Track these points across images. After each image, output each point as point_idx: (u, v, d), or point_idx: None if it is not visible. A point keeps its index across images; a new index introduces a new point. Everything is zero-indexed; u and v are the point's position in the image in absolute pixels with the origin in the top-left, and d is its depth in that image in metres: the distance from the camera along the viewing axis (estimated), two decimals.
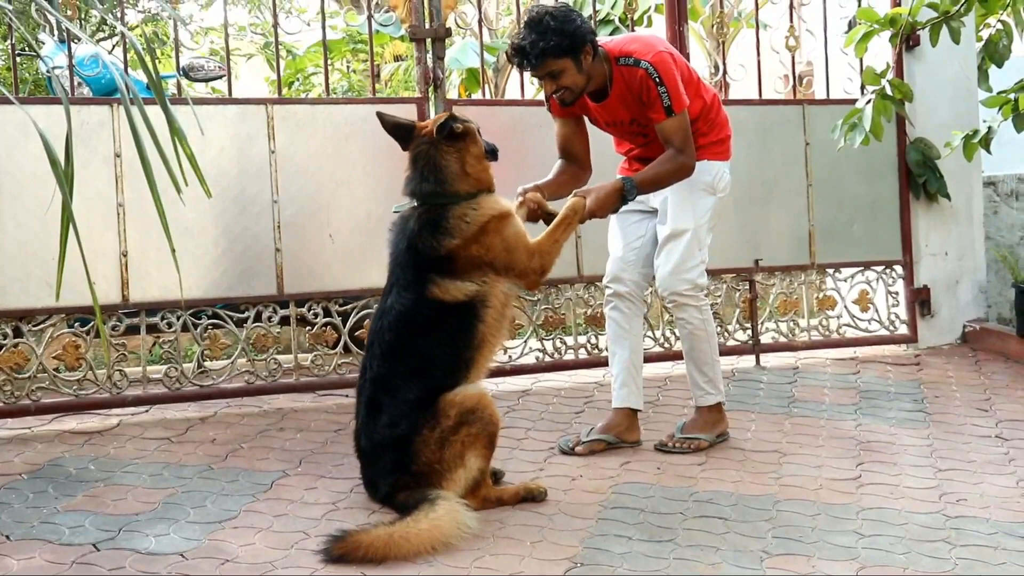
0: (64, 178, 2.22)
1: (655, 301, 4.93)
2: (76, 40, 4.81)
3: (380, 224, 4.37)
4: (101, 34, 10.94)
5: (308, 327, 4.70)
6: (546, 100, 3.96)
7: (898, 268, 5.58)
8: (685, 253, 3.95)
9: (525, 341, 5.01)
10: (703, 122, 3.97)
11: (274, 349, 4.62)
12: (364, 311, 4.65)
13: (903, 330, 5.57)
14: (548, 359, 5.01)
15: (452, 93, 10.61)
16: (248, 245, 4.54)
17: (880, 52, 5.13)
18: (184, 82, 5.35)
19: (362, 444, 3.37)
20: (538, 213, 3.71)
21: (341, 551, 2.92)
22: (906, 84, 4.25)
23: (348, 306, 4.71)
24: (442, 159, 3.38)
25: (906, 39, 5.17)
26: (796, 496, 3.59)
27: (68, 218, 2.19)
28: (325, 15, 4.98)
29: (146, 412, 4.42)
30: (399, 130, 3.49)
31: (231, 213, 4.51)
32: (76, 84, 4.88)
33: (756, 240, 5.32)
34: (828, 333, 5.46)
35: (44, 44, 5.49)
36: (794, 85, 5.54)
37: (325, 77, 5.05)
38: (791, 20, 5.48)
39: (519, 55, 3.73)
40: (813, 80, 5.81)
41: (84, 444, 4.00)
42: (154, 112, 2.39)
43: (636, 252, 4.09)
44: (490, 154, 3.50)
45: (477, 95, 10.83)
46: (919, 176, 5.50)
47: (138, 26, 10.95)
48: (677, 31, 5.23)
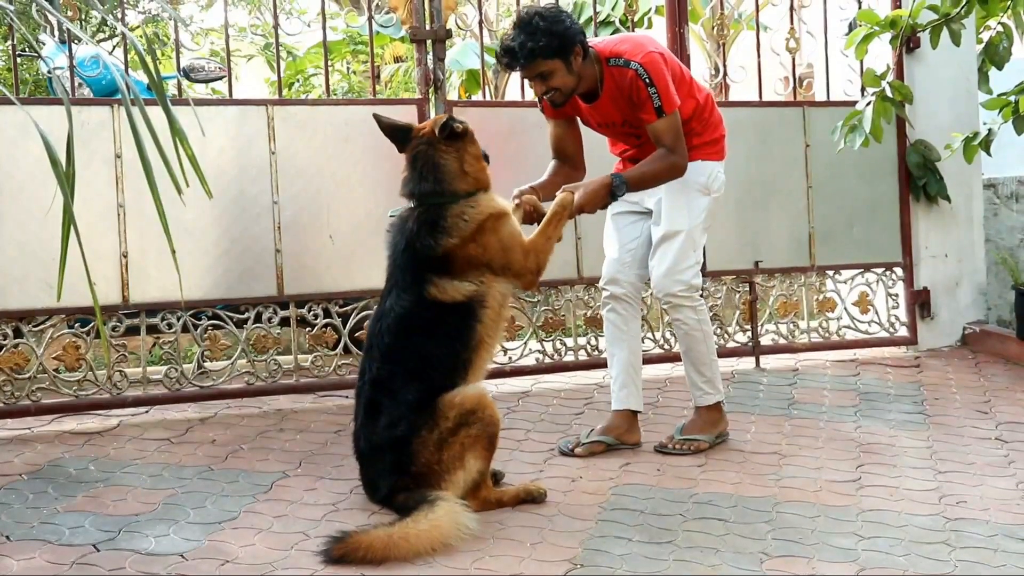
0: (65, 179, 2.22)
1: (654, 302, 4.93)
2: (77, 41, 4.81)
3: (380, 225, 4.36)
4: (101, 35, 10.93)
5: (308, 328, 4.70)
6: (538, 101, 3.96)
7: (898, 270, 5.58)
8: (679, 254, 3.95)
9: (525, 342, 5.01)
10: (696, 122, 3.95)
11: (274, 350, 4.62)
12: (364, 312, 4.65)
13: (903, 332, 5.57)
14: (548, 360, 5.01)
15: (452, 94, 10.61)
16: (248, 246, 4.54)
17: (880, 54, 5.14)
18: (184, 83, 5.35)
19: (361, 446, 3.37)
20: (533, 215, 3.70)
21: (341, 552, 2.93)
22: (906, 86, 4.26)
23: (348, 307, 4.71)
24: (441, 158, 3.38)
25: (906, 41, 5.18)
26: (796, 498, 3.59)
27: (69, 219, 2.18)
28: (326, 16, 4.98)
29: (146, 413, 4.42)
30: (396, 132, 3.49)
31: (231, 214, 4.52)
32: (76, 85, 4.88)
33: (756, 242, 5.32)
34: (828, 335, 5.46)
35: (45, 45, 5.49)
36: (794, 87, 5.54)
37: (326, 78, 5.05)
38: (791, 22, 5.49)
39: (508, 55, 3.72)
40: (813, 82, 5.81)
41: (84, 445, 4.00)
42: (154, 113, 2.39)
43: (632, 254, 4.08)
44: (483, 158, 3.51)
45: (477, 96, 10.84)
46: (919, 178, 5.50)
47: (139, 27, 10.94)
48: (677, 32, 5.23)
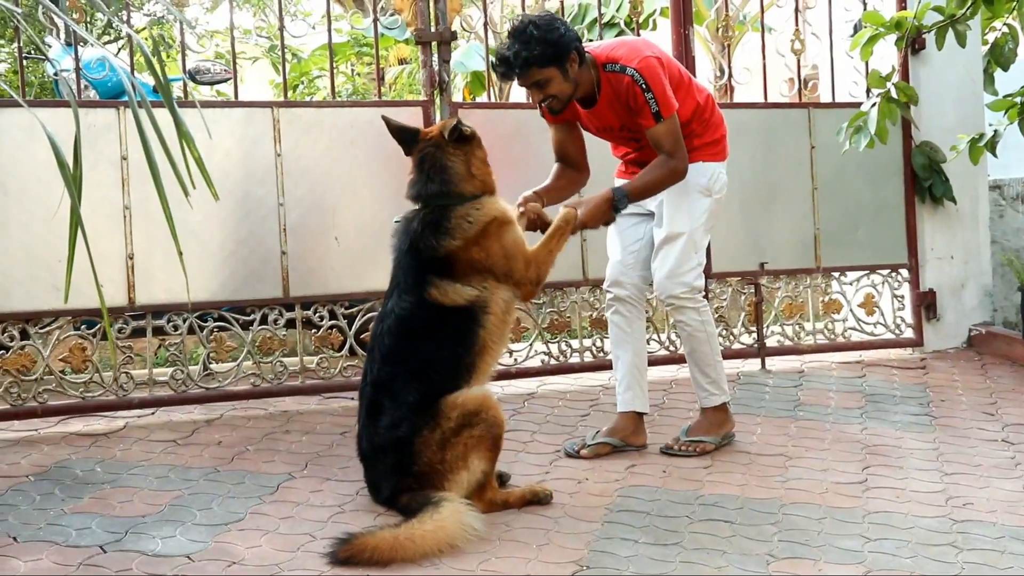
0: (72, 181, 2.22)
1: (659, 304, 4.92)
2: (83, 43, 4.82)
3: (385, 227, 4.35)
4: (107, 37, 10.94)
5: (314, 330, 4.71)
6: (538, 107, 3.96)
7: (904, 272, 5.57)
8: (681, 256, 3.94)
9: (531, 344, 5.01)
10: (697, 123, 3.94)
11: (280, 352, 4.62)
12: (370, 314, 4.65)
13: (909, 334, 5.56)
14: (553, 362, 5.01)
15: (456, 96, 10.61)
16: (254, 248, 4.55)
17: (885, 55, 5.12)
18: (190, 85, 5.36)
19: (363, 447, 3.38)
20: (537, 223, 3.71)
21: (347, 553, 2.93)
22: (911, 87, 4.25)
23: (354, 309, 4.72)
24: (448, 160, 3.40)
25: (912, 42, 5.17)
26: (802, 500, 3.58)
27: (76, 221, 2.18)
28: (331, 18, 4.99)
29: (152, 414, 4.42)
30: (404, 134, 3.51)
31: (237, 216, 4.53)
32: (82, 87, 4.88)
33: (761, 243, 5.31)
34: (833, 337, 5.45)
35: (51, 47, 5.49)
36: (799, 88, 5.54)
37: (331, 80, 5.05)
38: (796, 23, 5.49)
39: (504, 65, 3.71)
40: (818, 83, 5.81)
41: (90, 446, 4.00)
42: (160, 115, 2.39)
43: (635, 255, 4.08)
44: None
45: (481, 98, 10.85)
46: (924, 180, 5.49)
47: (144, 28, 10.95)
48: (682, 34, 5.23)
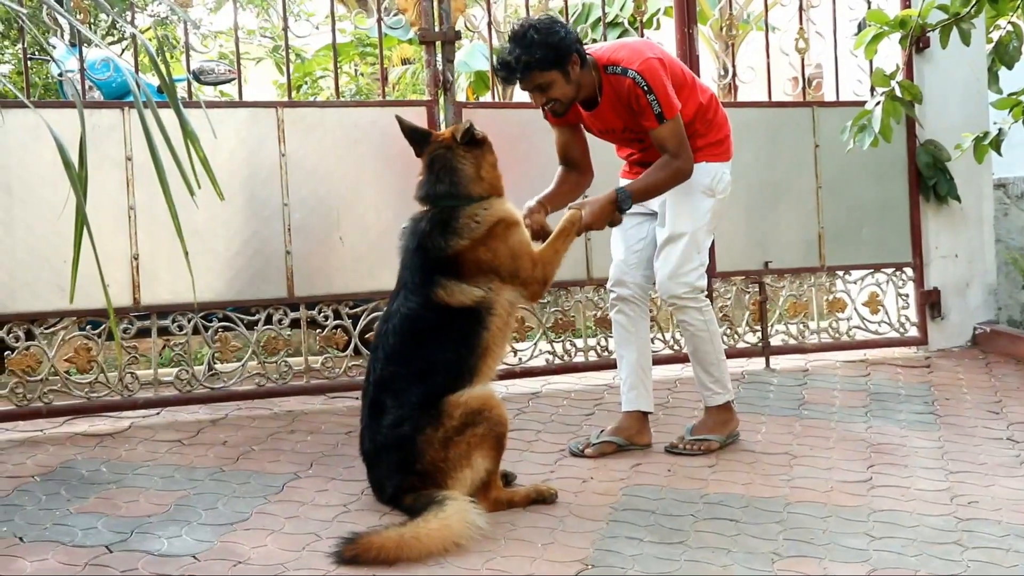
0: (78, 181, 2.22)
1: (663, 303, 4.92)
2: (88, 44, 4.83)
3: (390, 227, 4.38)
4: (111, 38, 10.95)
5: (319, 330, 4.70)
6: (541, 109, 3.96)
7: (908, 270, 5.56)
8: (683, 256, 3.94)
9: (535, 344, 5.01)
10: (700, 122, 3.93)
11: (285, 352, 4.62)
12: (374, 314, 4.64)
13: (913, 332, 5.56)
14: (558, 361, 5.01)
15: (460, 96, 10.61)
16: (258, 248, 4.55)
17: (890, 54, 5.13)
18: (194, 86, 5.36)
19: (366, 446, 3.38)
20: (540, 234, 3.70)
21: (353, 553, 2.93)
22: (916, 86, 4.25)
23: (358, 308, 4.72)
24: (458, 162, 3.42)
25: (916, 41, 5.15)
26: (807, 498, 3.58)
27: (82, 221, 2.19)
28: (335, 18, 4.99)
29: (157, 415, 4.43)
30: (416, 134, 3.53)
31: (242, 216, 4.53)
32: (87, 88, 4.89)
33: (766, 242, 5.31)
34: (838, 335, 5.45)
35: (55, 48, 5.51)
36: (803, 87, 5.54)
37: (335, 80, 5.05)
38: (800, 22, 5.48)
39: (505, 70, 3.72)
40: (822, 82, 5.81)
41: (96, 446, 4.01)
42: (165, 115, 2.40)
43: (638, 255, 4.08)
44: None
45: (485, 98, 10.83)
46: (929, 178, 5.48)
47: (148, 29, 10.96)
48: (686, 34, 5.23)
